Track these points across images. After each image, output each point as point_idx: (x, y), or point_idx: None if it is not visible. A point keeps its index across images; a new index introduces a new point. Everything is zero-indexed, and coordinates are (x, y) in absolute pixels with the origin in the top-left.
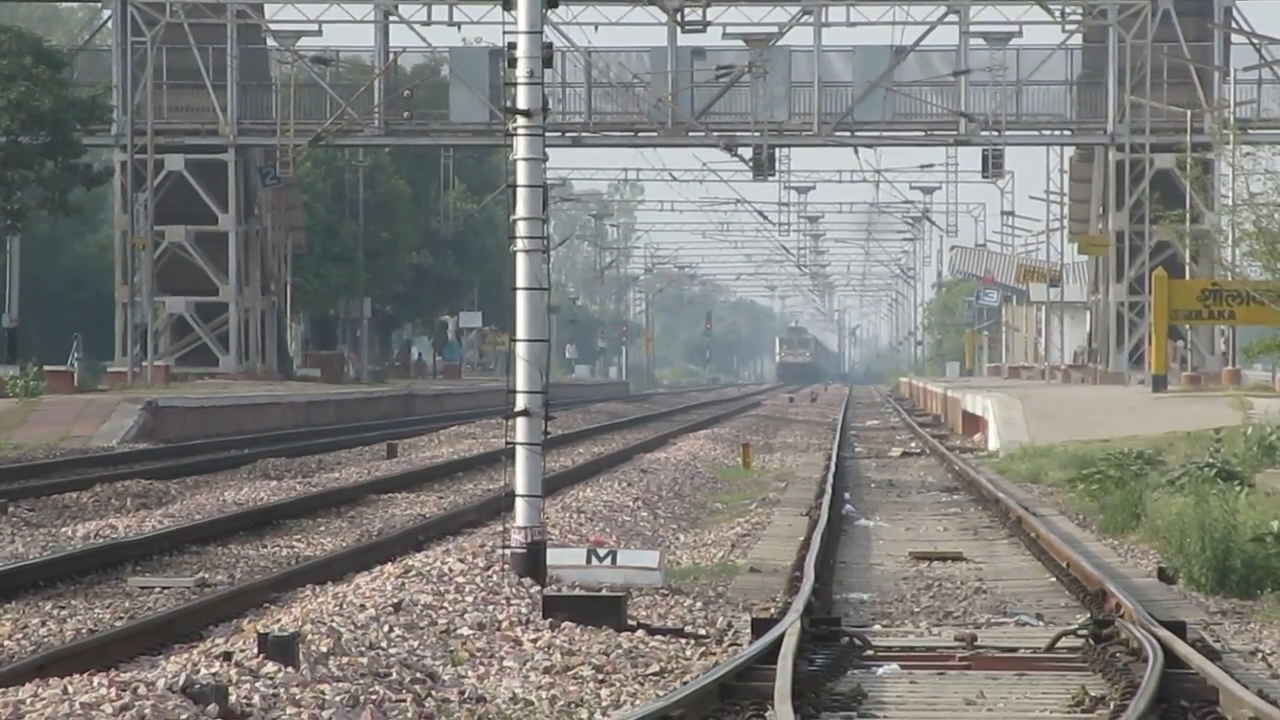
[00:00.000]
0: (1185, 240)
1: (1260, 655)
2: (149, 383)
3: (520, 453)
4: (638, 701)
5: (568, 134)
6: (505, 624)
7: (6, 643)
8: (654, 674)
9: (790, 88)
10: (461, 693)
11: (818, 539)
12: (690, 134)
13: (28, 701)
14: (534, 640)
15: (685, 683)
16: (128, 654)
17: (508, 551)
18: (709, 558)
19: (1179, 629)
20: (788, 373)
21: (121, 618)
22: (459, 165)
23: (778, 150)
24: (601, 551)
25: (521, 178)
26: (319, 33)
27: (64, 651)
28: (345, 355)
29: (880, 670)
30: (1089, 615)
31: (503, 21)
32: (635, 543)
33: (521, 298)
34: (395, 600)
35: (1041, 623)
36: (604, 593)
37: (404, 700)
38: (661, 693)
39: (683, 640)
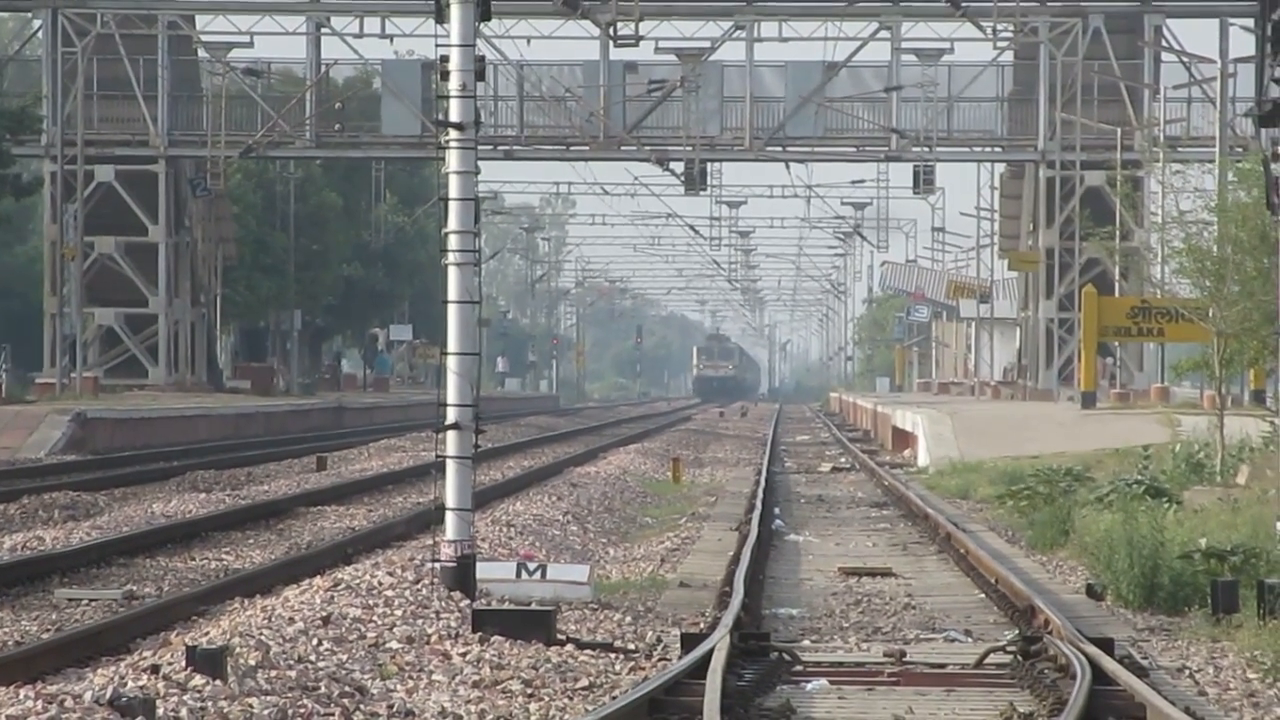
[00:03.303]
0: (1115, 257)
1: (1187, 672)
2: (77, 394)
3: (450, 466)
4: (567, 716)
5: (499, 147)
6: (434, 638)
7: None
8: (583, 688)
9: (722, 103)
10: (390, 706)
11: (747, 554)
12: (622, 148)
13: None
14: (463, 654)
15: (614, 697)
16: (54, 666)
17: (437, 565)
18: (639, 572)
19: (1107, 645)
20: (706, 388)
21: (48, 630)
22: (390, 178)
23: (709, 165)
24: (531, 565)
25: (453, 191)
26: (250, 44)
27: None
28: (275, 367)
29: (809, 686)
30: (1017, 631)
31: (435, 34)
32: (565, 557)
33: (453, 311)
34: (324, 613)
35: (970, 639)
36: (533, 607)
37: (332, 714)
38: (591, 707)
39: (612, 655)
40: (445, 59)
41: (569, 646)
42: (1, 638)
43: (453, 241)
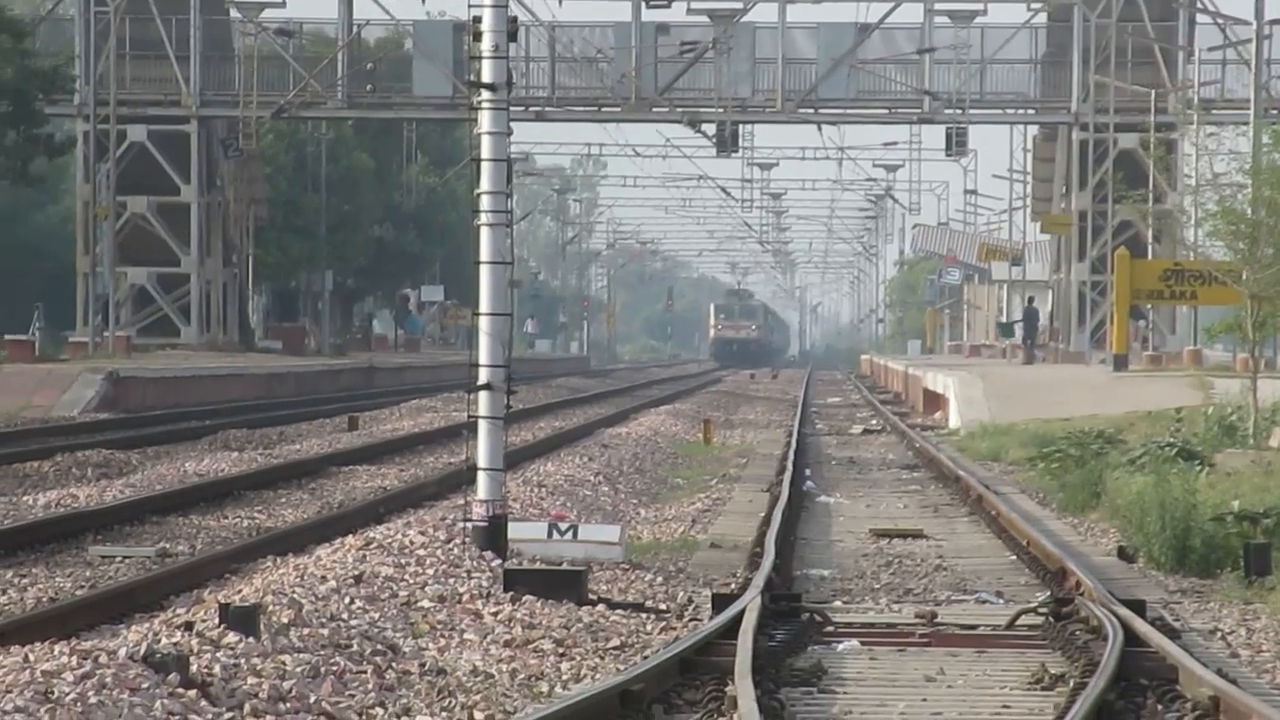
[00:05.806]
0: (1148, 220)
1: (1219, 634)
2: (110, 353)
3: (482, 426)
4: (598, 675)
5: (531, 108)
6: (466, 597)
7: None
8: (614, 648)
9: (754, 64)
10: (422, 665)
11: (778, 515)
12: (654, 110)
13: None
14: (495, 613)
15: (645, 657)
16: (89, 623)
17: (469, 525)
18: (670, 533)
19: (1139, 607)
20: (725, 352)
21: (83, 587)
22: (422, 139)
23: (741, 127)
24: (563, 526)
25: (485, 152)
26: (282, 4)
27: (25, 620)
28: (306, 328)
29: (840, 646)
30: (1049, 593)
31: None
32: (596, 517)
33: (484, 272)
34: (356, 572)
35: (1001, 600)
36: (565, 567)
37: (365, 672)
38: (622, 667)
39: (643, 615)
40: (477, 19)
41: (600, 606)
42: (36, 594)
43: (484, 202)
